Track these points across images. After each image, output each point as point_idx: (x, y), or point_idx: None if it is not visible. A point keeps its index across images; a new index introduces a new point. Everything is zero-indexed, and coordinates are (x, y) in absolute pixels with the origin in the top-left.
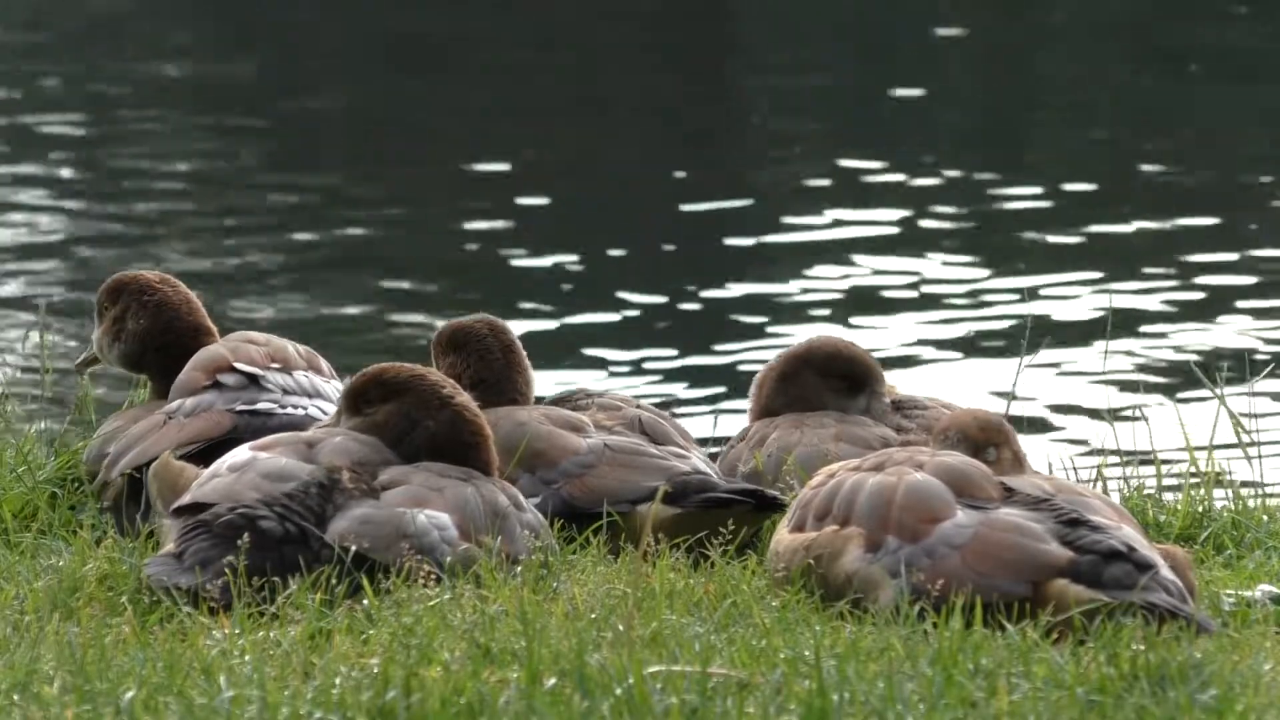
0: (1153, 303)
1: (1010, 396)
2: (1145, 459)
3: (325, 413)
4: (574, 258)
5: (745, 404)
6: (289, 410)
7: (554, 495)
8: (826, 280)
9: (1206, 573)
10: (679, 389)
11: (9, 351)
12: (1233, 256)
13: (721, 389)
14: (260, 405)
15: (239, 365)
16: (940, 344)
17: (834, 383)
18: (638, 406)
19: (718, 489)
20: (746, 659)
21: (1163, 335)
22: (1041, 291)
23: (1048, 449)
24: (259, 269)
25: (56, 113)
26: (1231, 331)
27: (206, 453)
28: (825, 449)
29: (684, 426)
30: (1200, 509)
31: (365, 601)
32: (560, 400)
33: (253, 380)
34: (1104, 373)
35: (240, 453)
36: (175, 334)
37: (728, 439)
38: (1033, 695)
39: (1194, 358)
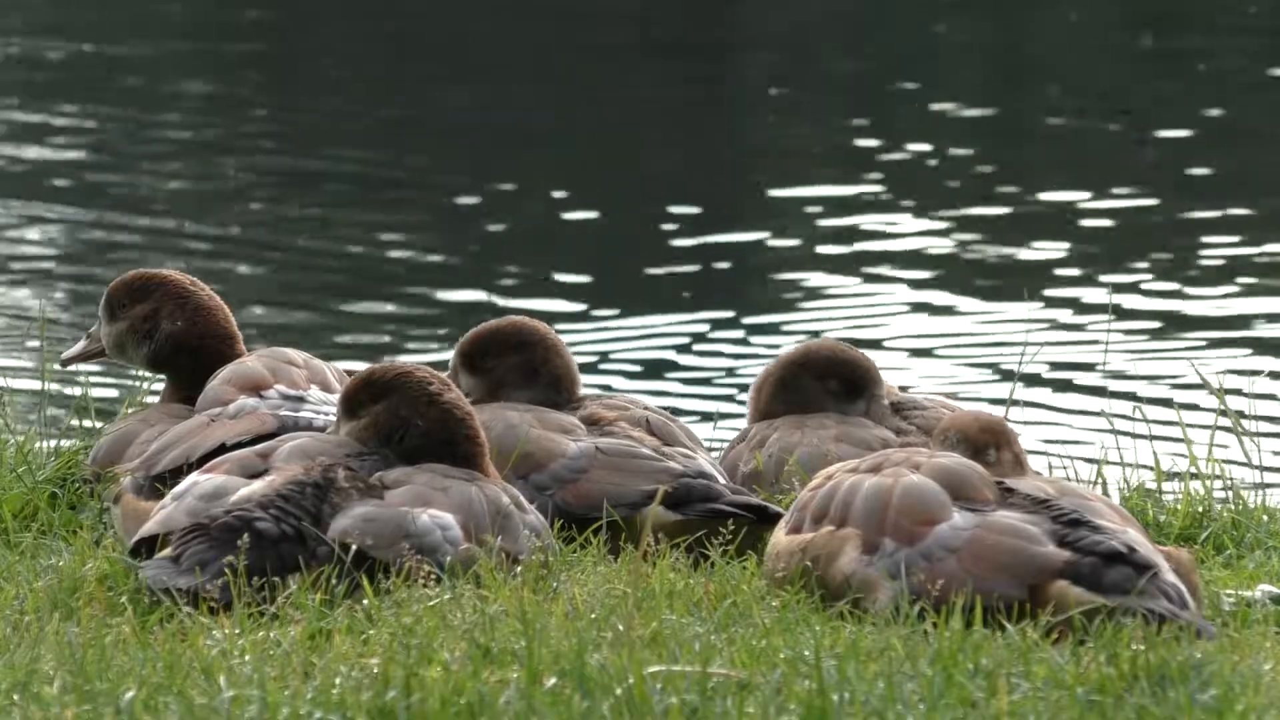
0: (1153, 301)
1: (1009, 400)
2: (1145, 458)
3: None
4: (571, 259)
5: (742, 409)
6: (330, 417)
7: (549, 501)
8: (825, 281)
9: (1206, 573)
10: (678, 391)
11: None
12: (1234, 255)
13: (719, 393)
14: (303, 412)
15: (280, 388)
16: (939, 345)
17: (832, 386)
18: (645, 408)
19: (721, 499)
20: (746, 659)
21: (1163, 334)
22: (1041, 292)
23: (1047, 449)
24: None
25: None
26: (1232, 331)
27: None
28: (826, 450)
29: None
30: (1200, 509)
31: (365, 601)
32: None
33: (293, 397)
34: (1104, 372)
35: (186, 481)
36: (213, 338)
37: (729, 439)
38: (1033, 695)
39: (1195, 357)
